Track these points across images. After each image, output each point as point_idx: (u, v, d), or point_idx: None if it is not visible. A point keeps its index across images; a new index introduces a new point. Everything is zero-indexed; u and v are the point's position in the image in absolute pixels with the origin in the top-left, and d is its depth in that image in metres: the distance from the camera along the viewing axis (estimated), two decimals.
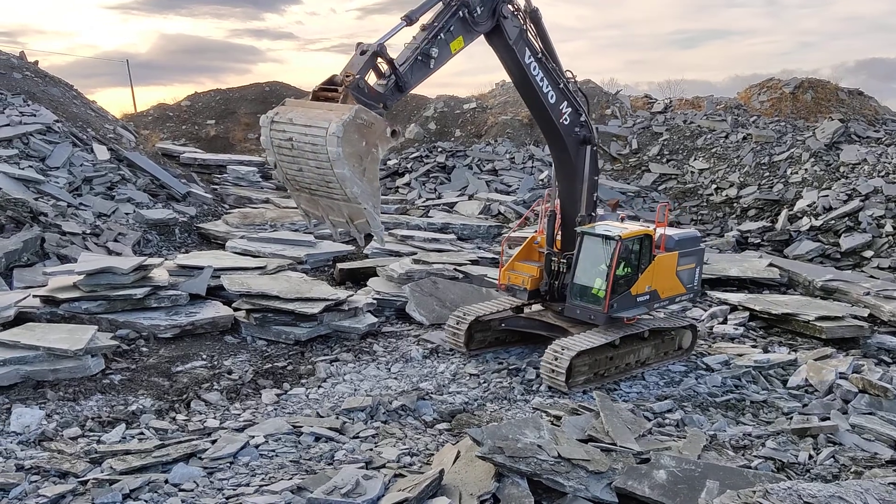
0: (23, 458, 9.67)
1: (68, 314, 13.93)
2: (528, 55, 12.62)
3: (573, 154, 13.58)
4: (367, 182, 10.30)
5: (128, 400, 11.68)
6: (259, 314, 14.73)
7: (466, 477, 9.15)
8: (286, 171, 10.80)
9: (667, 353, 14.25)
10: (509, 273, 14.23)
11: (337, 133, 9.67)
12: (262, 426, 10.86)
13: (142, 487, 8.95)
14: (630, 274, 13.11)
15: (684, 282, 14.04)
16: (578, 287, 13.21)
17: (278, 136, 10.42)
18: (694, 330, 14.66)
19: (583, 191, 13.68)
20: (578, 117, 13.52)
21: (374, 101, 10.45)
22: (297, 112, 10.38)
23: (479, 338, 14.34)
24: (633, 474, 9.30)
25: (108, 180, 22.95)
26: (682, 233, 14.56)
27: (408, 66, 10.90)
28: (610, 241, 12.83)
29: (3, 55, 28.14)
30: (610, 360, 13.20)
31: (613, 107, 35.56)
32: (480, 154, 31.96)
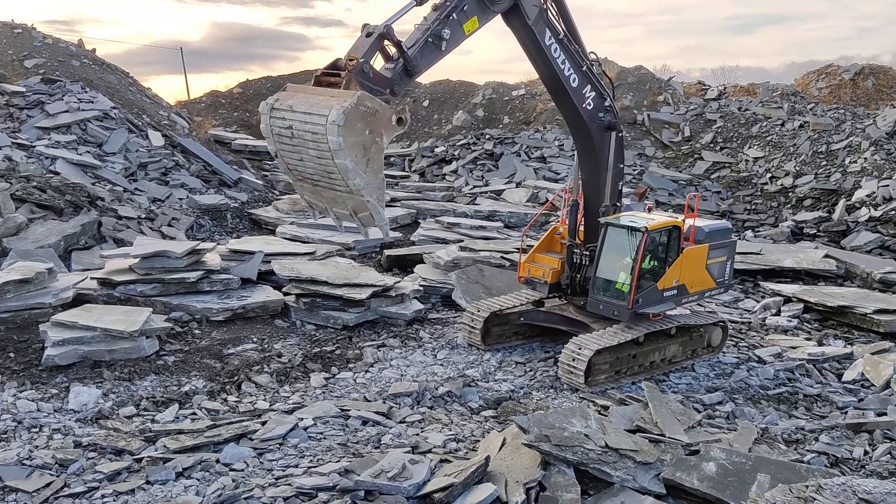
0: (80, 436, 9.97)
1: (124, 296, 14.28)
2: (549, 36, 11.92)
3: (597, 141, 12.95)
4: (372, 173, 9.73)
5: (181, 381, 11.95)
6: (308, 299, 14.90)
7: (512, 464, 9.14)
8: (287, 161, 10.27)
9: (695, 351, 13.66)
10: (529, 265, 13.74)
11: (338, 121, 9.10)
12: (311, 409, 11.01)
13: (194, 466, 9.17)
14: (656, 267, 12.56)
15: (715, 276, 13.43)
16: (601, 281, 12.64)
17: (278, 124, 9.92)
18: (724, 327, 14.02)
19: (607, 179, 13.05)
20: (603, 102, 12.85)
21: (380, 86, 9.88)
22: (298, 98, 9.81)
23: (497, 332, 13.93)
24: (682, 466, 9.19)
25: (163, 166, 23.43)
26: (713, 224, 13.95)
27: (417, 48, 10.27)
28: (635, 233, 12.24)
29: (62, 43, 28.88)
30: (633, 357, 12.67)
31: (666, 93, 34.94)
32: (529, 141, 31.74)
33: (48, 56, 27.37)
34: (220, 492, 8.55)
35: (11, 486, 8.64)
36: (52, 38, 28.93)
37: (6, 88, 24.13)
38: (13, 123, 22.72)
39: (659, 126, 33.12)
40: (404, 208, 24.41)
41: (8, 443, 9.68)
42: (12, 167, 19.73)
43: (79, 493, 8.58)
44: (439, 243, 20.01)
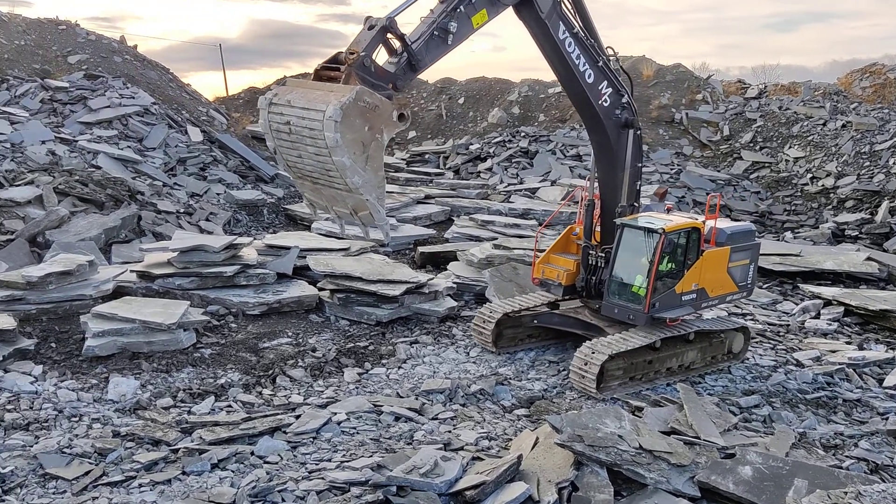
0: (119, 426, 10.16)
1: (162, 289, 14.51)
2: (563, 30, 11.47)
3: (614, 139, 12.48)
4: (371, 171, 9.36)
5: (217, 373, 12.10)
6: (342, 294, 15.00)
7: (545, 463, 9.11)
8: (286, 158, 9.96)
9: (714, 357, 13.19)
10: (544, 266, 13.27)
11: (335, 117, 8.77)
12: (344, 403, 11.08)
13: (229, 458, 9.29)
14: (675, 270, 12.16)
15: (737, 279, 12.96)
16: (617, 284, 12.22)
17: (276, 120, 9.60)
18: (746, 332, 13.51)
19: (624, 179, 12.61)
20: (620, 98, 12.40)
21: (382, 81, 9.51)
22: (297, 93, 9.53)
23: (510, 335, 13.53)
24: (718, 469, 9.08)
25: (201, 161, 23.74)
26: (736, 226, 13.47)
27: (422, 42, 9.86)
28: (652, 235, 11.81)
29: (104, 40, 29.42)
30: (649, 363, 12.27)
31: (705, 92, 34.50)
32: (564, 139, 31.55)
33: (91, 52, 27.90)
34: (255, 484, 8.65)
35: (52, 473, 8.83)
36: (94, 34, 29.48)
37: (50, 84, 24.64)
38: (57, 118, 23.20)
39: (697, 125, 32.71)
40: (438, 205, 24.44)
41: (49, 431, 9.90)
42: (55, 161, 20.16)
43: (117, 482, 8.75)
44: (473, 241, 19.99)
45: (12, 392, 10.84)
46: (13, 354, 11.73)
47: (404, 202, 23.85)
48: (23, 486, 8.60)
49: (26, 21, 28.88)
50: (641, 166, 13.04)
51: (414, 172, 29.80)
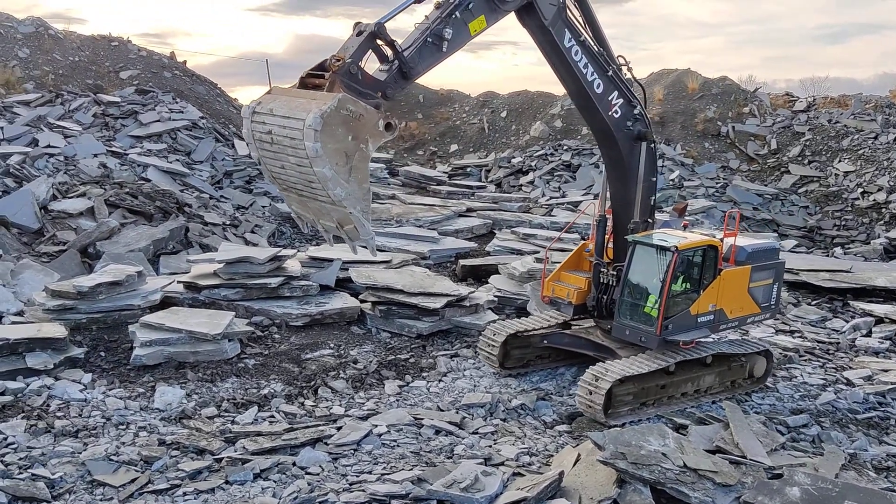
0: (164, 434, 10.33)
1: (208, 300, 14.74)
2: (569, 38, 10.92)
3: (626, 152, 11.90)
4: (356, 183, 8.97)
5: (260, 384, 12.24)
6: (384, 307, 15.06)
7: (587, 481, 9.01)
8: (270, 169, 9.60)
9: (734, 382, 12.56)
10: (554, 284, 12.69)
11: (314, 126, 8.41)
12: (385, 416, 11.12)
13: (271, 468, 9.38)
14: (689, 290, 11.58)
15: (759, 300, 12.32)
16: (628, 304, 11.62)
17: (258, 129, 9.22)
18: (769, 356, 12.80)
19: (637, 194, 12.04)
20: (632, 109, 11.82)
21: (371, 89, 9.11)
22: (280, 102, 9.17)
23: (518, 355, 12.94)
24: (764, 490, 8.87)
25: (247, 174, 24.13)
26: (758, 244, 12.77)
27: (415, 49, 9.47)
28: (665, 253, 11.23)
29: (155, 55, 30.17)
30: (662, 388, 11.66)
31: (752, 105, 34.02)
32: None
33: (142, 68, 28.62)
34: (296, 495, 8.71)
35: (100, 480, 9.01)
36: (145, 50, 30.27)
37: (103, 99, 25.32)
38: (108, 132, 23.81)
39: (744, 138, 32.25)
40: (480, 219, 24.45)
41: (97, 438, 10.11)
42: (107, 174, 20.69)
43: (162, 490, 8.89)
44: (514, 254, 19.92)
45: (62, 399, 11.10)
46: (64, 363, 12.02)
47: (446, 215, 23.92)
48: (71, 493, 8.79)
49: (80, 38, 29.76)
50: (656, 181, 12.52)
51: (456, 185, 29.89)
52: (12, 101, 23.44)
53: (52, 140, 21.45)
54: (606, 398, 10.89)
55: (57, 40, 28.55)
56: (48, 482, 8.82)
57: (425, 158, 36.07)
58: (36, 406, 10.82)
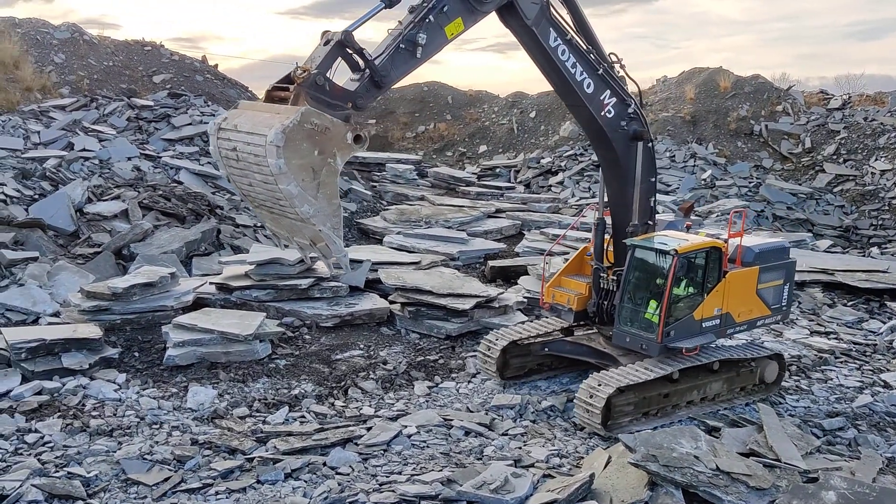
0: (197, 434, 10.44)
1: (240, 301, 14.88)
2: (554, 37, 10.53)
3: (621, 152, 11.48)
4: (324, 199, 8.64)
5: (291, 384, 12.32)
6: (413, 308, 15.09)
7: (617, 483, 8.94)
8: (239, 186, 9.30)
9: (744, 388, 12.13)
10: (554, 290, 12.28)
11: (276, 142, 8.10)
12: (415, 417, 11.14)
13: (302, 468, 9.44)
14: (692, 295, 11.16)
15: (768, 302, 11.92)
16: (628, 310, 11.20)
17: (224, 146, 8.93)
18: (781, 361, 12.38)
19: (635, 195, 11.61)
20: (626, 108, 11.35)
21: (340, 100, 8.81)
22: (244, 117, 8.92)
23: (517, 364, 12.55)
24: (799, 494, 8.73)
25: None
26: (766, 244, 12.34)
27: (387, 56, 9.14)
28: (664, 256, 10.84)
29: (187, 59, 30.55)
30: (665, 397, 11.24)
31: (785, 103, 33.53)
32: None
33: (175, 72, 28.99)
34: (327, 495, 8.76)
35: (134, 478, 9.13)
36: (178, 54, 30.66)
37: (136, 102, 25.69)
38: (142, 135, 24.16)
39: (777, 137, 31.81)
40: (509, 219, 24.39)
41: (131, 438, 10.25)
42: (140, 177, 20.98)
43: (194, 489, 8.98)
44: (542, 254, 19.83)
45: (97, 399, 11.27)
46: (99, 363, 12.21)
47: (475, 216, 23.89)
48: (106, 491, 8.92)
49: (115, 43, 30.23)
50: (655, 181, 12.09)
51: (485, 186, 29.84)
52: (48, 106, 23.87)
53: (87, 144, 21.81)
54: (605, 409, 10.51)
55: (92, 45, 29.02)
56: (84, 480, 8.96)
57: (454, 159, 36.09)
58: (72, 405, 11.00)
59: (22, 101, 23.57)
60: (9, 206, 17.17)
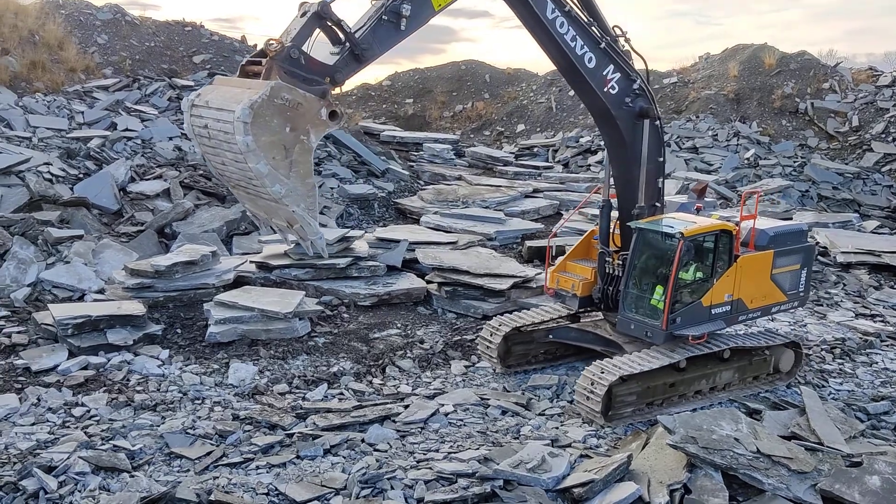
0: (238, 409, 10.61)
1: (279, 279, 15.04)
2: (552, 9, 10.02)
3: (627, 131, 10.94)
4: (298, 178, 8.31)
5: (330, 362, 12.45)
6: (450, 288, 15.11)
7: (656, 464, 8.88)
8: (213, 165, 8.99)
9: (757, 377, 11.69)
10: (558, 275, 11.86)
11: (243, 118, 7.78)
12: (451, 395, 11.18)
13: (341, 444, 9.55)
14: (701, 280, 10.72)
15: (784, 287, 11.48)
16: (633, 296, 10.79)
17: (197, 123, 8.61)
18: (798, 349, 11.90)
19: (641, 176, 11.09)
20: (630, 84, 10.81)
21: (317, 74, 8.40)
22: (217, 93, 8.56)
23: (521, 351, 12.21)
24: (842, 478, 8.60)
25: (316, 156, 24.40)
26: (781, 226, 11.82)
27: (368, 29, 8.74)
28: (670, 240, 10.37)
29: (226, 40, 30.75)
30: (671, 386, 10.82)
31: (832, 80, 32.65)
32: (680, 131, 30.61)
33: (214, 52, 29.22)
34: (365, 471, 8.85)
35: (177, 452, 9.32)
36: (217, 35, 30.87)
37: (177, 83, 25.97)
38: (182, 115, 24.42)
39: (824, 115, 31.03)
40: (547, 199, 24.22)
41: (174, 412, 10.45)
42: (181, 156, 21.25)
43: (236, 464, 9.14)
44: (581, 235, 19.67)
45: (141, 374, 11.51)
46: (142, 339, 12.46)
47: (512, 196, 23.77)
48: (150, 464, 9.12)
49: (155, 24, 30.54)
50: (663, 161, 11.51)
51: (522, 166, 29.63)
52: (92, 87, 24.26)
53: (130, 124, 22.14)
54: (606, 399, 10.19)
55: (133, 26, 29.36)
56: (129, 453, 9.17)
57: (492, 139, 35.89)
58: (116, 380, 11.25)
59: (66, 82, 23.99)
60: (55, 185, 17.53)
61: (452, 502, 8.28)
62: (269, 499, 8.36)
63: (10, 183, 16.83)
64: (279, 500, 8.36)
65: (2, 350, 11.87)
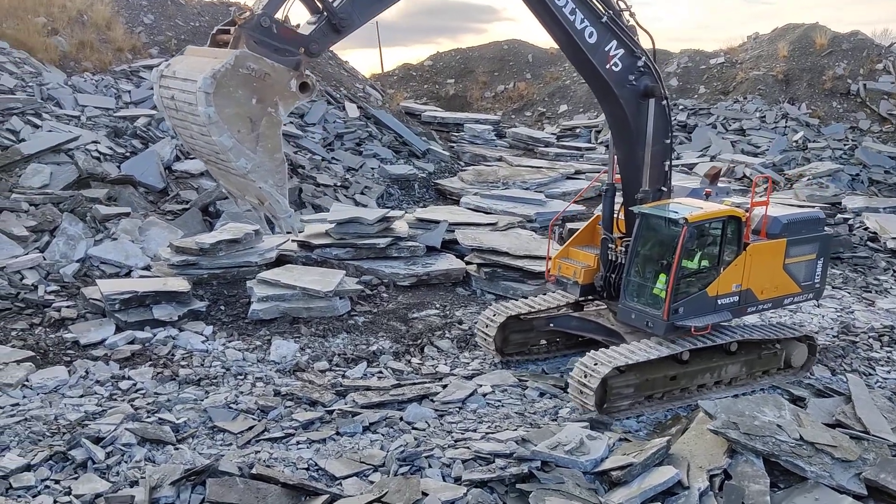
0: (279, 385, 10.77)
1: (320, 259, 15.18)
2: None
3: (631, 110, 10.35)
4: (265, 153, 7.91)
5: (369, 340, 12.55)
6: (489, 269, 15.10)
7: (695, 449, 8.80)
8: (183, 138, 8.58)
9: (767, 372, 11.18)
10: (560, 262, 11.41)
11: (205, 88, 7.41)
12: (489, 376, 11.20)
13: (379, 422, 9.64)
14: (707, 268, 10.19)
15: (799, 278, 10.97)
16: (635, 284, 10.31)
17: (164, 95, 8.24)
18: (811, 343, 11.37)
19: (646, 158, 10.55)
20: (635, 62, 10.21)
21: (290, 44, 7.98)
22: (185, 62, 8.21)
23: (519, 339, 11.82)
24: (888, 467, 8.43)
25: (357, 137, 24.53)
26: (796, 214, 11.24)
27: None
28: (673, 225, 9.84)
29: None
30: (672, 379, 10.36)
31: (886, 61, 31.63)
32: (726, 112, 30.03)
33: None
34: (403, 448, 8.92)
35: (220, 426, 9.51)
36: None
37: None
38: None
39: (876, 97, 30.12)
40: (588, 181, 23.98)
41: (217, 387, 10.65)
42: None
43: (277, 438, 9.29)
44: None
45: (186, 349, 11.74)
46: (187, 315, 12.69)
47: (553, 177, 23.61)
48: (194, 437, 9.31)
49: (201, 3, 30.78)
50: (670, 143, 10.92)
51: (564, 147, 29.39)
52: (138, 66, 24.59)
53: None
54: (601, 390, 9.78)
55: (179, 6, 29.64)
56: (173, 426, 9.37)
57: (533, 119, 35.60)
58: (162, 355, 11.49)
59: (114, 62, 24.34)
60: (102, 164, 17.87)
61: (490, 482, 8.31)
62: (309, 473, 8.48)
63: (59, 161, 17.20)
64: (319, 475, 8.47)
65: (52, 324, 12.19)
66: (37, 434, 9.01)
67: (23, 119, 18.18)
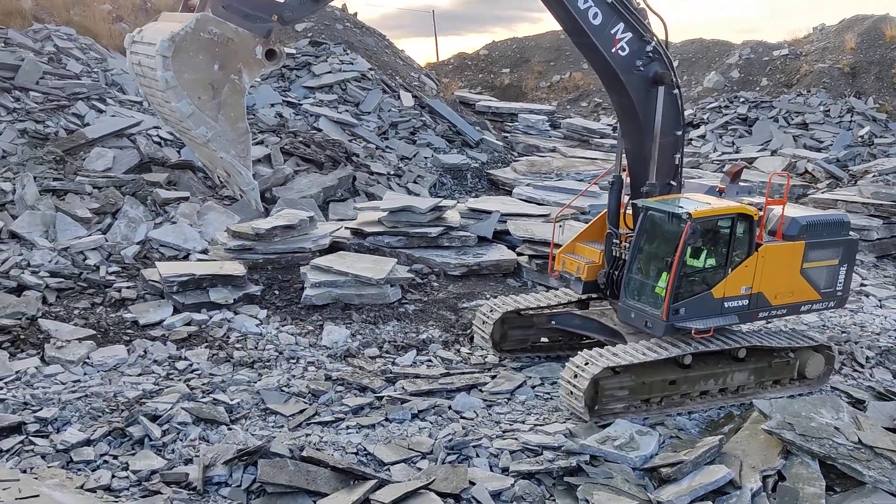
0: (331, 370, 10.91)
1: (373, 246, 15.28)
2: None
3: (638, 99, 9.76)
4: (227, 122, 7.69)
5: (419, 329, 12.61)
6: (540, 261, 15.00)
7: (749, 449, 8.65)
8: (154, 105, 8.27)
9: (778, 382, 10.51)
10: (565, 257, 10.99)
11: (162, 51, 7.16)
12: (539, 369, 11.17)
13: (428, 409, 9.70)
14: (714, 268, 9.64)
15: (818, 285, 10.27)
16: (636, 282, 9.83)
17: (134, 61, 8.03)
18: (828, 352, 10.65)
19: (653, 150, 10.00)
20: (643, 46, 9.60)
21: (262, 10, 7.70)
22: (154, 27, 7.95)
23: (518, 336, 11.45)
24: None
25: (411, 125, 24.62)
26: (817, 216, 10.58)
27: None
28: (678, 221, 9.34)
29: (328, 7, 31.13)
30: (671, 384, 9.81)
31: None
32: (789, 105, 29.23)
33: (315, 20, 29.64)
34: (451, 437, 8.96)
35: (272, 409, 9.68)
36: None
37: None
38: (284, 83, 24.99)
39: None
40: None
41: (270, 370, 10.84)
42: (282, 123, 21.79)
43: (327, 422, 9.42)
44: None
45: (240, 332, 11.96)
46: (242, 299, 12.92)
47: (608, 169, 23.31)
48: (247, 419, 9.50)
49: None
50: (681, 134, 10.31)
51: None
52: None
53: None
54: (591, 392, 9.34)
55: None
56: (227, 407, 9.57)
57: (589, 110, 35.21)
58: (217, 337, 11.73)
59: None
60: (163, 148, 18.30)
61: (537, 474, 8.30)
62: (358, 458, 8.59)
63: (122, 145, 17.67)
64: (368, 461, 8.57)
65: (112, 304, 12.55)
66: (97, 410, 9.30)
67: (88, 104, 18.72)
